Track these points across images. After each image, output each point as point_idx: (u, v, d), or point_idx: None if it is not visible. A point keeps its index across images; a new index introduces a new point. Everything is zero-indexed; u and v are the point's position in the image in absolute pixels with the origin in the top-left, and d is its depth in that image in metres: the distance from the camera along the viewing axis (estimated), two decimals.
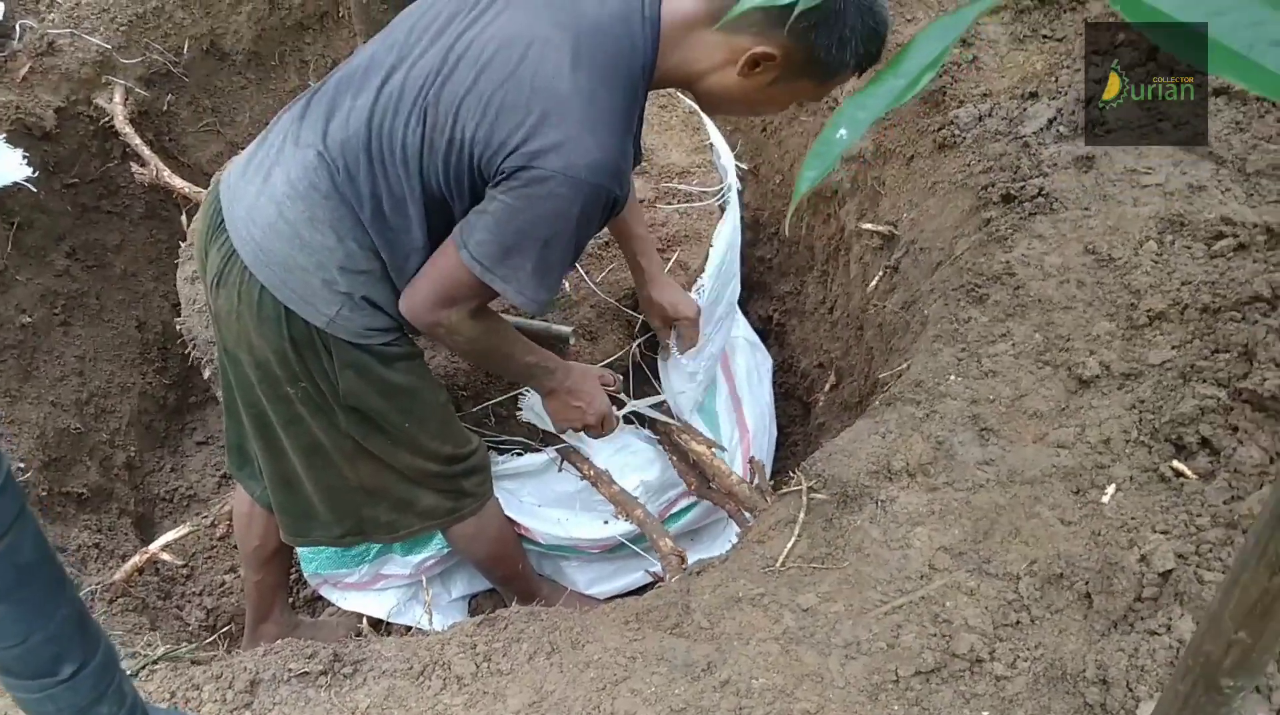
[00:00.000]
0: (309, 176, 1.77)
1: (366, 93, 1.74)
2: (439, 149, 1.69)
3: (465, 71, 1.65)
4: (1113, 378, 2.03)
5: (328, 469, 2.06)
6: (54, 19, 3.27)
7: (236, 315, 1.87)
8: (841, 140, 0.74)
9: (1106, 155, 2.44)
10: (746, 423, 2.82)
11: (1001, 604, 1.74)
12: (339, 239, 1.79)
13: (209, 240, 1.91)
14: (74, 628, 0.63)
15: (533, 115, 1.60)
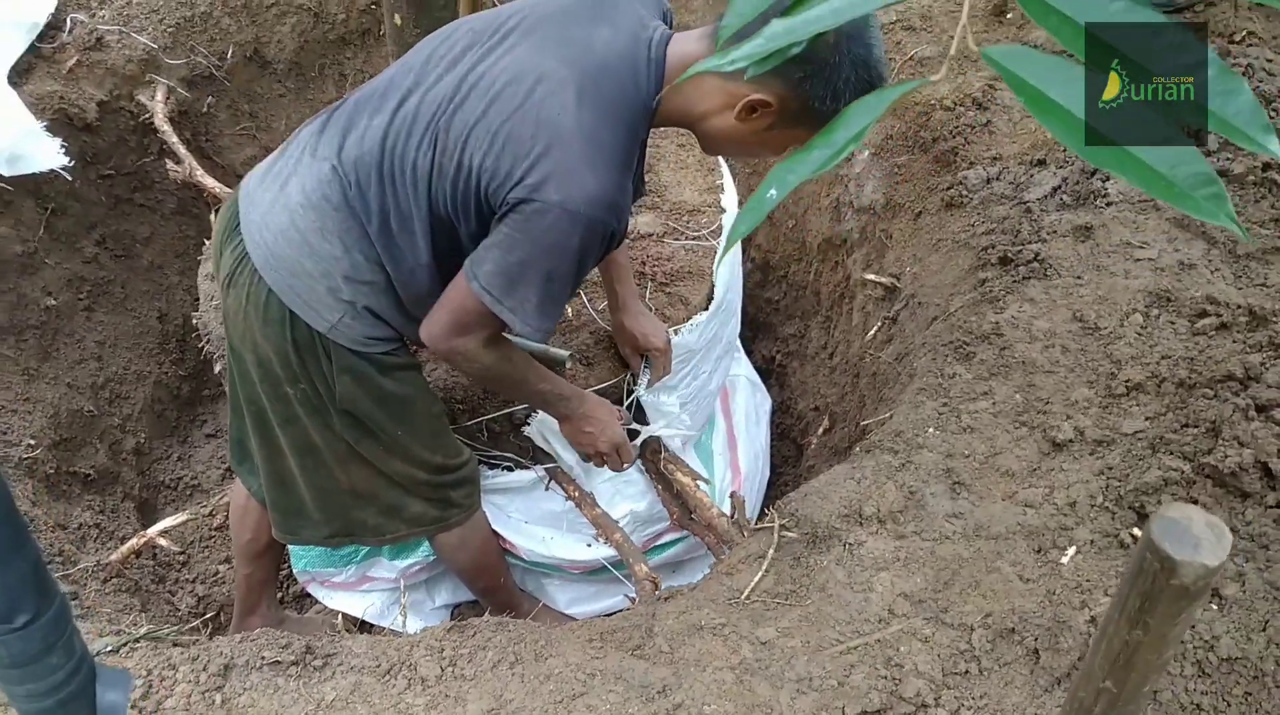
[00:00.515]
0: (322, 188, 1.86)
1: (382, 114, 1.83)
2: (448, 174, 1.78)
3: (476, 102, 1.73)
4: (1085, 443, 2.08)
5: (320, 470, 2.13)
6: (104, 15, 3.38)
7: (244, 314, 1.96)
8: (771, 199, 0.81)
9: (1105, 227, 2.50)
10: (739, 465, 2.88)
11: (953, 653, 1.79)
12: (346, 249, 1.88)
13: (224, 241, 2.00)
14: (30, 580, 0.70)
15: (536, 149, 1.68)
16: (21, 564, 0.69)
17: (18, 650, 0.71)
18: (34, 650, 0.72)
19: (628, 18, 1.80)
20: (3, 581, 0.68)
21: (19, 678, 0.73)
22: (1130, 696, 0.86)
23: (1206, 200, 0.67)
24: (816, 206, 3.44)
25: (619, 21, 1.79)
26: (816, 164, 0.79)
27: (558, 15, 1.80)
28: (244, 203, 1.97)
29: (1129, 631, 0.81)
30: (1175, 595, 0.76)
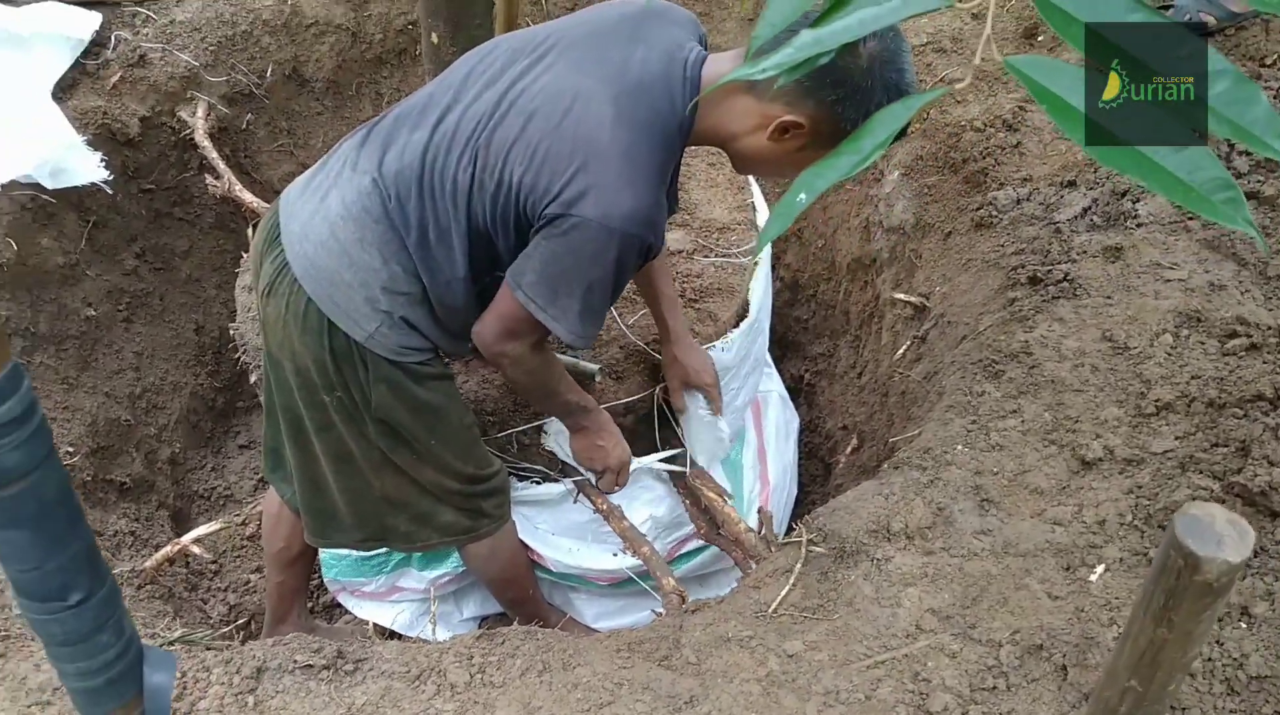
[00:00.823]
0: (363, 200, 1.90)
1: (423, 129, 1.87)
2: (488, 189, 1.82)
3: (515, 119, 1.77)
4: (1115, 462, 2.08)
5: (354, 476, 2.16)
6: (148, 33, 3.45)
7: (283, 323, 2.00)
8: (801, 203, 0.83)
9: (1134, 248, 2.50)
10: (769, 477, 2.90)
11: (981, 669, 1.80)
12: (384, 261, 1.92)
13: (264, 252, 2.04)
14: (84, 561, 0.73)
15: (574, 165, 1.72)
16: (77, 544, 0.72)
17: (71, 628, 0.74)
18: (86, 629, 0.75)
19: (664, 39, 1.84)
20: (58, 561, 0.71)
21: (70, 655, 0.76)
22: (1156, 696, 0.87)
23: (1224, 204, 0.69)
24: (846, 226, 3.46)
25: (655, 42, 1.82)
26: (844, 169, 0.81)
27: (595, 35, 1.84)
28: (284, 214, 2.02)
29: (1154, 630, 0.82)
30: (1199, 592, 0.77)
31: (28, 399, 0.66)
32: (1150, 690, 0.86)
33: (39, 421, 0.66)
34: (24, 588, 0.72)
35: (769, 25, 0.87)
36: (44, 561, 0.71)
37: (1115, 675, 0.89)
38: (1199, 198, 0.70)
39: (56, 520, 0.70)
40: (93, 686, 0.78)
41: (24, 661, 1.89)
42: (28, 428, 0.66)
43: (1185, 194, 0.70)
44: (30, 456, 0.66)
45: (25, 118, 3.03)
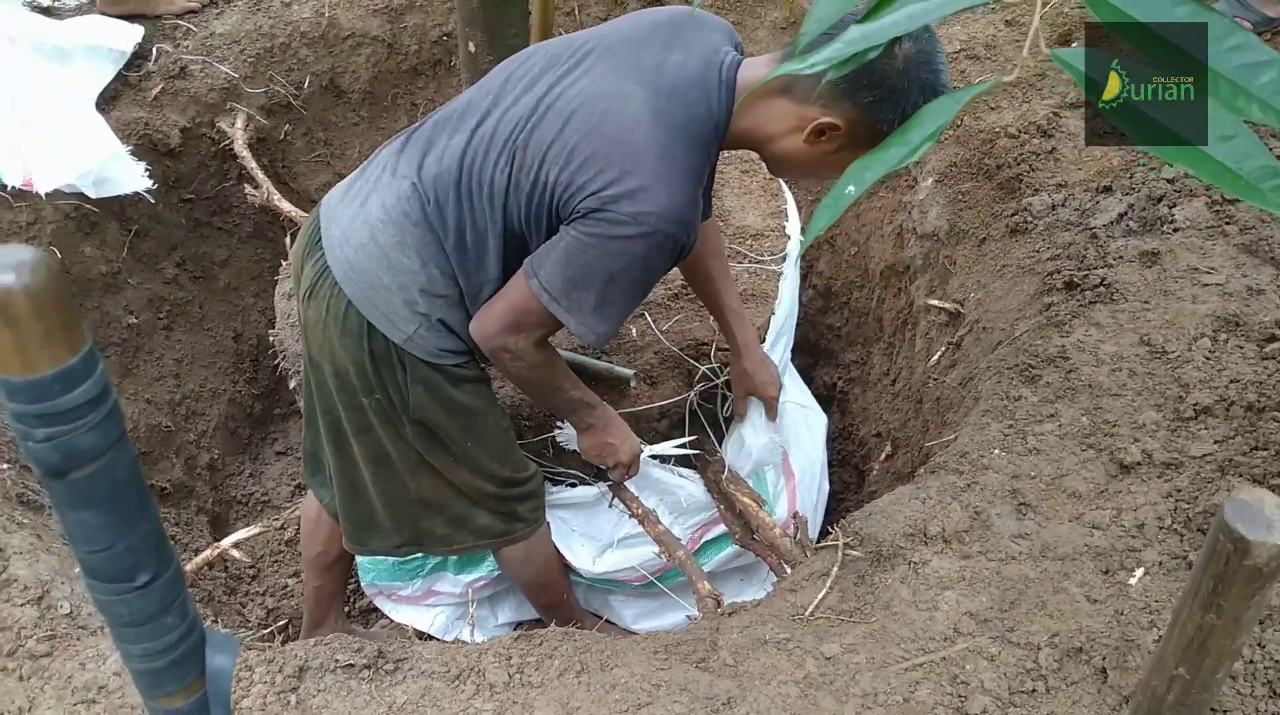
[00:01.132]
0: (402, 204, 1.93)
1: (461, 133, 1.89)
2: (523, 190, 1.83)
3: (553, 121, 1.79)
4: (1153, 466, 2.07)
5: (392, 479, 2.19)
6: (188, 46, 3.51)
7: (323, 326, 2.02)
8: (850, 195, 0.84)
9: (1171, 252, 2.49)
10: (793, 469, 2.89)
11: (1020, 671, 1.79)
12: (423, 264, 1.94)
13: (305, 256, 2.07)
14: (152, 543, 0.75)
15: (611, 164, 1.73)
16: (145, 526, 0.74)
17: (138, 608, 0.76)
18: (152, 609, 0.77)
19: (700, 44, 1.85)
20: (128, 542, 0.73)
21: (136, 636, 0.78)
22: (1204, 683, 0.87)
23: (1273, 192, 0.69)
24: (879, 233, 3.46)
25: (692, 47, 1.84)
26: (893, 162, 0.82)
27: (632, 40, 1.86)
28: (325, 219, 2.05)
29: (1202, 616, 0.82)
30: (1249, 577, 0.78)
31: (102, 381, 0.68)
32: (1199, 678, 0.86)
33: (113, 404, 0.68)
34: (94, 569, 0.73)
35: (817, 22, 0.89)
36: (115, 542, 0.73)
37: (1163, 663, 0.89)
38: (1247, 185, 0.70)
39: (127, 501, 0.72)
40: (156, 668, 0.80)
41: (69, 661, 1.93)
42: (103, 409, 0.68)
43: (1234, 182, 0.71)
44: (105, 438, 0.68)
45: (69, 128, 3.08)
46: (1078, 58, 0.82)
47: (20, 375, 0.65)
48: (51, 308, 0.64)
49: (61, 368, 0.66)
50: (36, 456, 0.68)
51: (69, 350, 0.66)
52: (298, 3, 3.72)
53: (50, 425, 0.67)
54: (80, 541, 0.73)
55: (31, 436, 0.67)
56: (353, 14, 3.75)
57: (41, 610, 2.00)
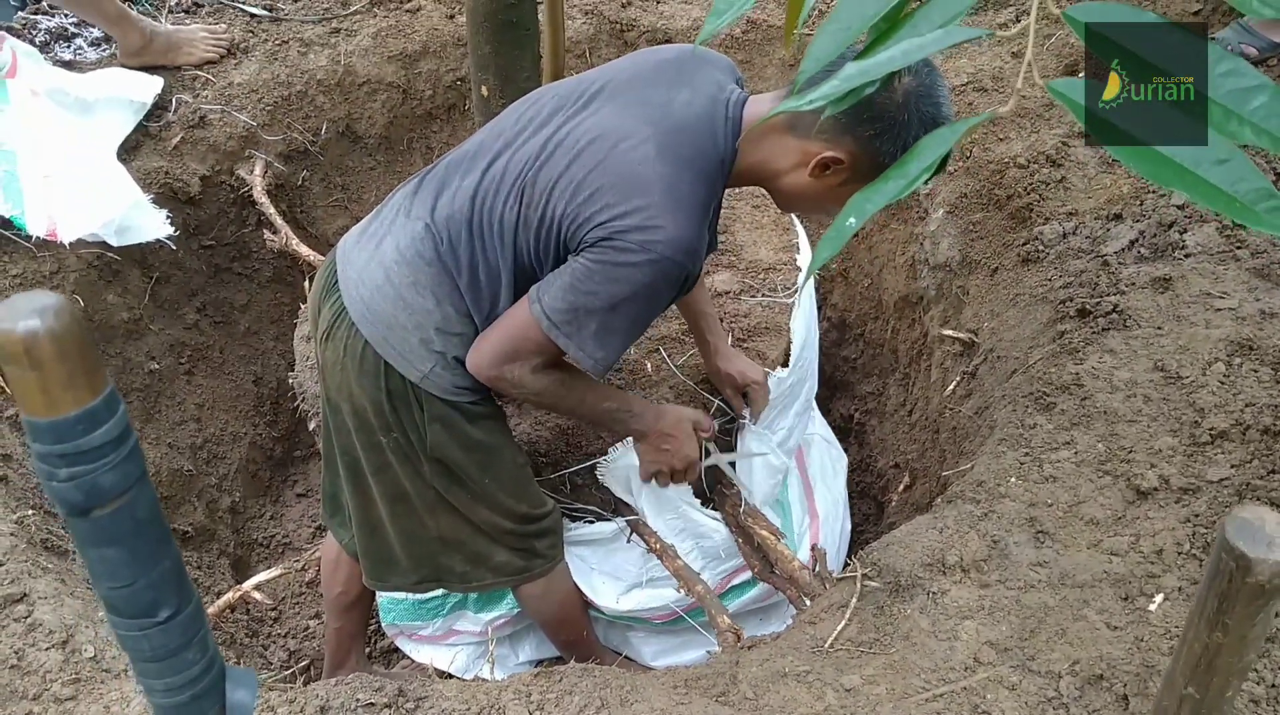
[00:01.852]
0: (416, 245, 1.96)
1: (473, 174, 1.93)
2: (531, 225, 1.87)
3: (560, 158, 1.82)
4: (1171, 491, 2.07)
5: (410, 517, 2.20)
6: (207, 95, 3.57)
7: (341, 366, 2.05)
8: (850, 227, 0.86)
9: (1184, 278, 2.50)
10: (817, 509, 2.90)
11: (1040, 700, 1.79)
12: (438, 303, 1.97)
13: (323, 299, 2.11)
14: (173, 579, 0.76)
15: (619, 196, 1.76)
16: (166, 562, 0.76)
17: (159, 644, 0.77)
18: (174, 644, 0.78)
19: (706, 82, 1.89)
20: (149, 578, 0.75)
21: (158, 671, 0.80)
22: (1213, 703, 0.87)
23: (1268, 213, 0.71)
24: (892, 264, 3.47)
25: (698, 85, 1.87)
26: (892, 193, 0.84)
27: (639, 80, 1.90)
28: (341, 262, 2.08)
29: (1209, 635, 0.82)
30: (1252, 594, 0.78)
31: (123, 422, 0.70)
32: (1208, 697, 0.86)
33: (133, 443, 0.70)
34: (115, 605, 0.75)
35: (814, 60, 0.91)
36: (136, 578, 0.74)
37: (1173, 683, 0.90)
38: (1242, 208, 0.72)
39: (148, 538, 0.74)
40: (178, 703, 0.82)
41: (94, 704, 1.94)
42: (124, 449, 0.70)
43: (1228, 204, 0.72)
44: (126, 476, 0.70)
45: (92, 178, 3.13)
46: (1073, 88, 0.84)
47: (44, 416, 0.68)
48: (74, 351, 0.67)
49: (84, 409, 0.68)
50: (60, 495, 0.70)
51: (91, 392, 0.68)
52: (314, 51, 3.79)
53: (73, 465, 0.69)
54: (103, 578, 0.75)
55: (55, 476, 0.69)
56: (368, 61, 3.81)
57: (66, 654, 2.01)
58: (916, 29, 0.84)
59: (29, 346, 0.65)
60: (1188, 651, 0.87)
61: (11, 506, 2.44)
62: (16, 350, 0.65)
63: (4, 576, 2.14)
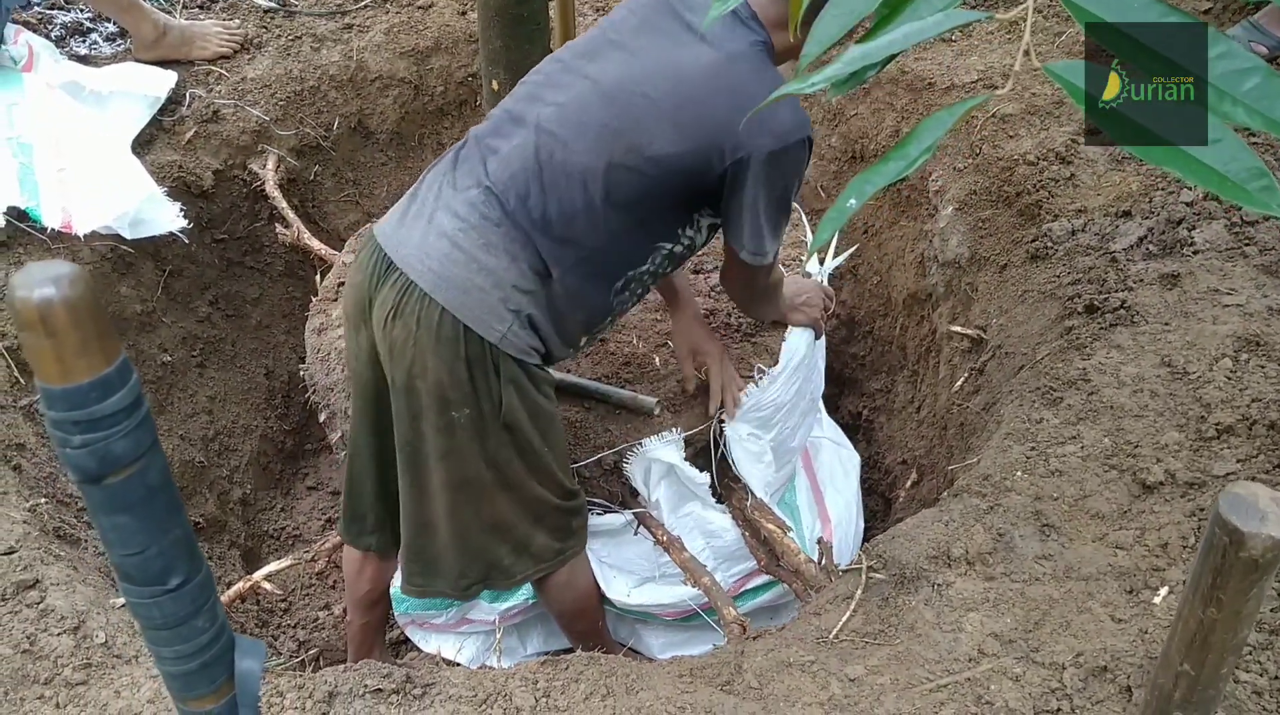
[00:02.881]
0: (479, 209, 2.01)
1: (521, 132, 2.02)
2: (629, 167, 1.99)
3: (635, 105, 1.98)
4: (1176, 486, 2.07)
5: (466, 506, 2.18)
6: (221, 90, 3.60)
7: (414, 342, 2.02)
8: (851, 207, 0.87)
9: (1192, 275, 2.50)
10: (829, 514, 2.91)
11: (1045, 691, 1.79)
12: (512, 260, 2.01)
13: (375, 285, 2.08)
14: (183, 547, 0.78)
15: (729, 125, 1.92)
16: (177, 530, 0.77)
17: (170, 611, 0.79)
18: (184, 612, 0.80)
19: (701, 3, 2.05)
20: (160, 546, 0.76)
21: (168, 639, 0.81)
22: (1209, 679, 0.88)
23: (1259, 192, 0.72)
24: (901, 262, 3.48)
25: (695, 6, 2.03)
26: (893, 174, 0.85)
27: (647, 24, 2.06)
28: (389, 246, 2.07)
29: (1203, 610, 0.83)
30: (1245, 569, 0.79)
31: (136, 390, 0.72)
32: (1203, 674, 0.87)
33: (145, 411, 0.72)
34: (127, 572, 0.77)
35: (818, 42, 0.92)
36: (148, 546, 0.76)
37: (1169, 660, 0.90)
38: (1234, 187, 0.73)
39: (159, 506, 0.75)
40: (187, 670, 0.83)
41: (105, 689, 1.96)
42: (136, 417, 0.72)
43: (1221, 183, 0.73)
44: (138, 444, 0.72)
45: (106, 172, 3.16)
46: (1072, 71, 0.85)
47: (59, 383, 0.69)
48: (88, 319, 0.68)
49: (98, 376, 0.70)
50: (73, 462, 0.72)
51: (104, 360, 0.70)
52: (326, 47, 3.81)
53: (87, 432, 0.70)
54: (115, 545, 0.76)
55: (69, 443, 0.71)
56: (380, 57, 3.84)
57: (78, 640, 2.03)
58: (918, 12, 0.85)
59: (44, 314, 0.67)
60: (1183, 628, 0.88)
61: (24, 495, 2.46)
62: (32, 318, 0.67)
63: (17, 563, 2.16)
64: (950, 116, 0.84)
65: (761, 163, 1.95)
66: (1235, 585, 0.80)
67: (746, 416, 2.48)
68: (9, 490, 2.43)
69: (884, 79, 3.58)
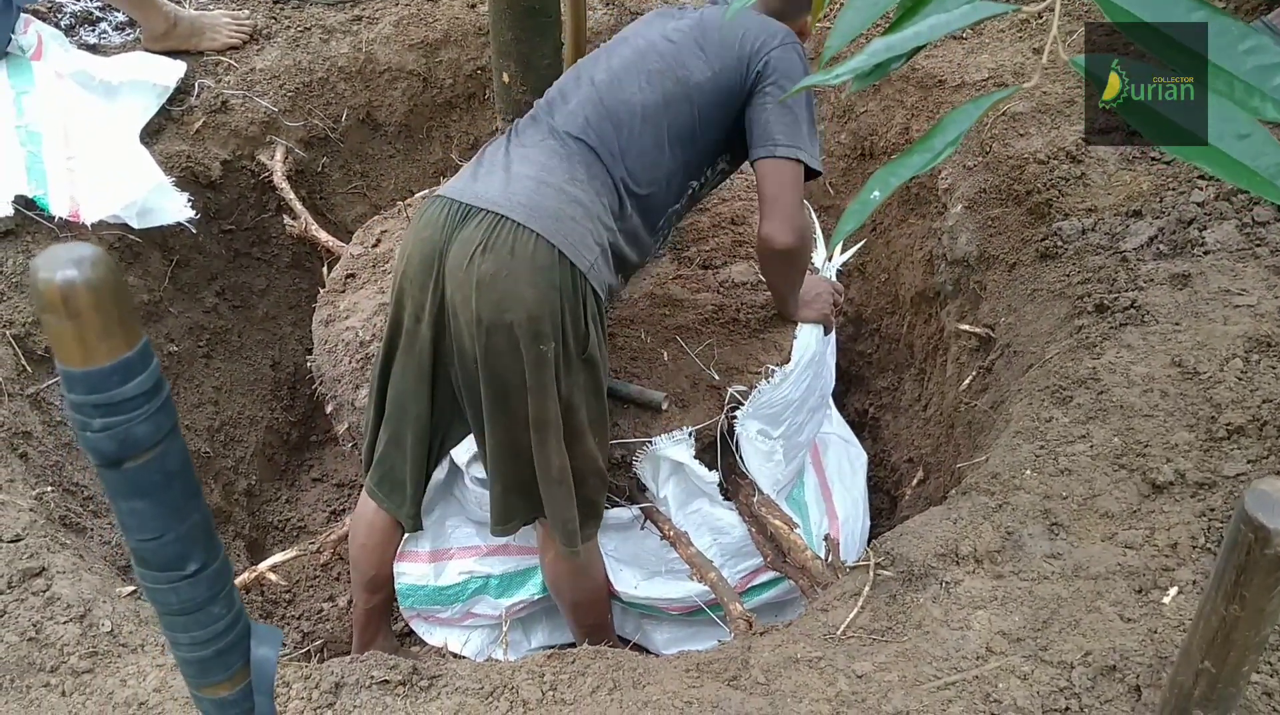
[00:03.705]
0: (559, 150, 2.13)
1: (579, 93, 2.22)
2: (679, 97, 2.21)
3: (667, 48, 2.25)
4: (1186, 486, 2.07)
5: (544, 446, 2.16)
6: (230, 81, 3.60)
7: (507, 272, 2.01)
8: (875, 200, 0.86)
9: (1202, 275, 2.49)
10: (836, 511, 2.91)
11: (1053, 690, 1.79)
12: (596, 194, 2.11)
13: (452, 233, 2.07)
14: (201, 533, 0.78)
15: (747, 36, 2.22)
16: (195, 516, 0.77)
17: (187, 597, 0.79)
18: (201, 598, 0.79)
19: None
20: (177, 531, 0.76)
21: (185, 625, 0.81)
22: (1229, 677, 0.88)
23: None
24: (910, 260, 3.47)
25: None
26: (916, 167, 0.85)
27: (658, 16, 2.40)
28: (465, 197, 2.09)
29: (1226, 607, 0.83)
30: (1270, 566, 0.79)
31: (156, 374, 0.71)
32: (1224, 671, 0.87)
33: (166, 396, 0.72)
34: (145, 557, 0.76)
35: (841, 35, 0.92)
36: (165, 531, 0.76)
37: (1189, 657, 0.90)
38: (1263, 181, 0.72)
39: (178, 491, 0.75)
40: (203, 657, 0.83)
41: (110, 677, 1.96)
42: (157, 401, 0.71)
43: (1250, 178, 0.73)
44: (158, 428, 0.71)
45: (115, 161, 3.16)
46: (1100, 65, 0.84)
47: (80, 366, 0.69)
48: (111, 302, 0.68)
49: (119, 359, 0.69)
50: (93, 446, 0.71)
51: (126, 343, 0.70)
52: (335, 39, 3.81)
53: (107, 415, 0.70)
54: (132, 530, 0.76)
55: (89, 426, 0.71)
56: (389, 49, 3.83)
57: (84, 628, 2.03)
58: (944, 4, 0.85)
59: (67, 296, 0.66)
60: (1204, 625, 0.87)
61: (31, 483, 2.46)
62: (55, 299, 0.66)
63: (23, 551, 2.16)
64: (977, 109, 0.83)
65: (780, 54, 2.20)
66: (1260, 582, 0.79)
67: (757, 413, 2.48)
68: (15, 478, 2.43)
69: (894, 76, 3.58)
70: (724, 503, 2.56)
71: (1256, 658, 0.89)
